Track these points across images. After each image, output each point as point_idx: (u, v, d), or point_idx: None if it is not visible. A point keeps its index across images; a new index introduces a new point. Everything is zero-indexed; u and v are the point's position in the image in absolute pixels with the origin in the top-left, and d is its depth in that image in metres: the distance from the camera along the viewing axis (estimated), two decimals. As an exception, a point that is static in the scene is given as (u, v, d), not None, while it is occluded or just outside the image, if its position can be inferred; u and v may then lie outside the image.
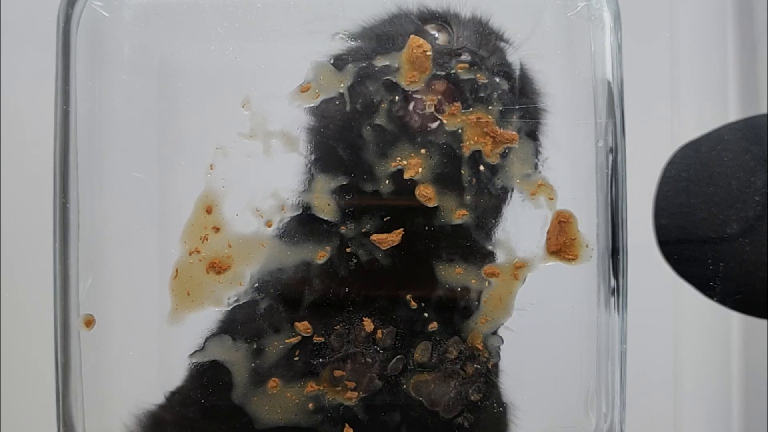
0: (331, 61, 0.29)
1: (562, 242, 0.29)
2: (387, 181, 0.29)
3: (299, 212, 0.29)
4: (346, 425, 0.29)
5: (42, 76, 0.31)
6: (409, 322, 0.29)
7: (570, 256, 0.29)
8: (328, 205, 0.29)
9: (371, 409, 0.29)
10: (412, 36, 0.28)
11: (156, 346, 0.30)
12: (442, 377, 0.29)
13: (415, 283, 0.30)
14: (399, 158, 0.29)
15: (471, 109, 0.29)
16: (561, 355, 0.30)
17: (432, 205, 0.29)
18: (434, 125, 0.29)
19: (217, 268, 0.29)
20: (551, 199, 0.29)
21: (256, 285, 0.29)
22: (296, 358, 0.29)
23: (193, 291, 0.29)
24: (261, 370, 0.29)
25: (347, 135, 0.29)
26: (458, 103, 0.29)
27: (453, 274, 0.29)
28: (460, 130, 0.29)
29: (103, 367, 0.30)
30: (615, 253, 0.29)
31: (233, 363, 0.29)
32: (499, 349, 0.30)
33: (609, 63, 0.30)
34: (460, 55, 0.29)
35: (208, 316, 0.30)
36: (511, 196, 0.30)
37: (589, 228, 0.30)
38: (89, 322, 0.29)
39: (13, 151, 0.38)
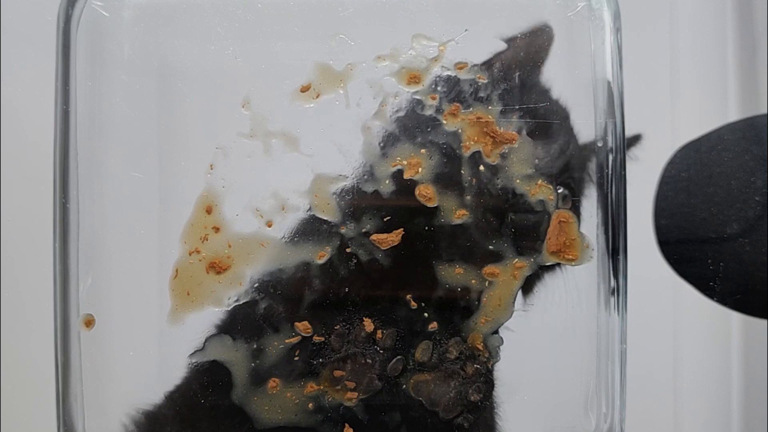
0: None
1: (562, 242, 0.29)
2: (387, 181, 0.29)
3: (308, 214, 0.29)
4: (346, 425, 0.29)
5: (42, 76, 0.31)
6: (410, 323, 0.29)
7: (570, 257, 0.29)
8: (328, 205, 0.29)
9: (371, 409, 0.29)
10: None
11: (156, 346, 0.30)
12: (442, 377, 0.29)
13: (415, 283, 0.30)
14: (399, 158, 0.29)
15: (471, 109, 0.29)
16: (561, 355, 0.30)
17: (432, 205, 0.29)
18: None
19: (217, 268, 0.29)
20: (551, 199, 0.29)
21: (256, 285, 0.29)
22: (296, 358, 0.29)
23: (193, 291, 0.29)
24: (261, 370, 0.29)
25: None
26: (458, 103, 0.29)
27: (453, 274, 0.29)
28: (460, 130, 0.29)
29: (103, 367, 0.30)
30: (615, 253, 0.29)
31: (233, 363, 0.29)
32: (499, 349, 0.30)
33: (609, 63, 0.30)
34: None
35: (208, 316, 0.30)
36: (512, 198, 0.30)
37: (589, 228, 0.30)
38: (89, 322, 0.29)
39: (13, 151, 0.38)
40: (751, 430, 0.43)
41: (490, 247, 0.29)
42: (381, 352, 0.29)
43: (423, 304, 0.29)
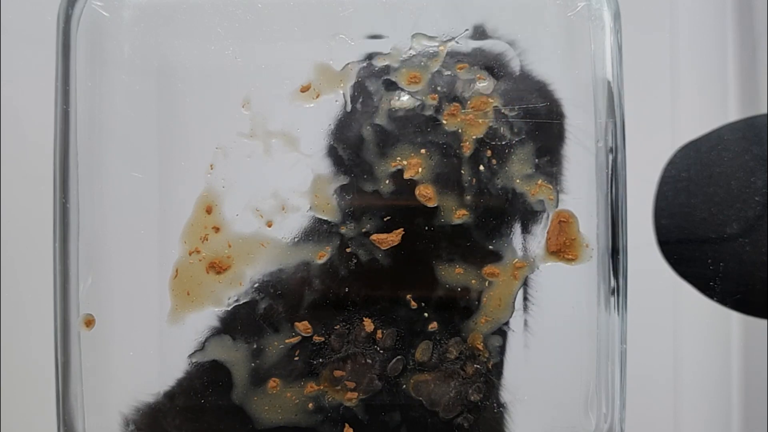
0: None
1: (562, 242, 0.29)
2: (387, 181, 0.29)
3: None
4: (346, 425, 0.29)
5: (42, 76, 0.31)
6: (409, 323, 0.29)
7: (570, 256, 0.29)
8: (328, 205, 0.29)
9: (371, 409, 0.29)
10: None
11: (156, 346, 0.30)
12: (442, 377, 0.29)
13: (415, 283, 0.30)
14: (399, 158, 0.29)
15: (471, 109, 0.29)
16: (561, 355, 0.30)
17: (432, 205, 0.29)
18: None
19: (217, 268, 0.29)
20: (551, 199, 0.29)
21: (256, 285, 0.29)
22: (296, 358, 0.29)
23: (193, 291, 0.29)
24: (261, 370, 0.29)
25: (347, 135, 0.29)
26: (458, 103, 0.29)
27: (453, 274, 0.29)
28: (460, 130, 0.29)
29: (103, 367, 0.30)
30: (615, 253, 0.29)
31: (233, 363, 0.29)
32: (500, 348, 0.30)
33: (609, 63, 0.30)
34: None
35: (208, 316, 0.30)
36: (511, 197, 0.30)
37: (589, 228, 0.30)
38: (89, 322, 0.29)
39: (13, 151, 0.38)
40: (751, 430, 0.43)
41: (490, 247, 0.29)
42: (381, 352, 0.29)
43: (423, 304, 0.29)
